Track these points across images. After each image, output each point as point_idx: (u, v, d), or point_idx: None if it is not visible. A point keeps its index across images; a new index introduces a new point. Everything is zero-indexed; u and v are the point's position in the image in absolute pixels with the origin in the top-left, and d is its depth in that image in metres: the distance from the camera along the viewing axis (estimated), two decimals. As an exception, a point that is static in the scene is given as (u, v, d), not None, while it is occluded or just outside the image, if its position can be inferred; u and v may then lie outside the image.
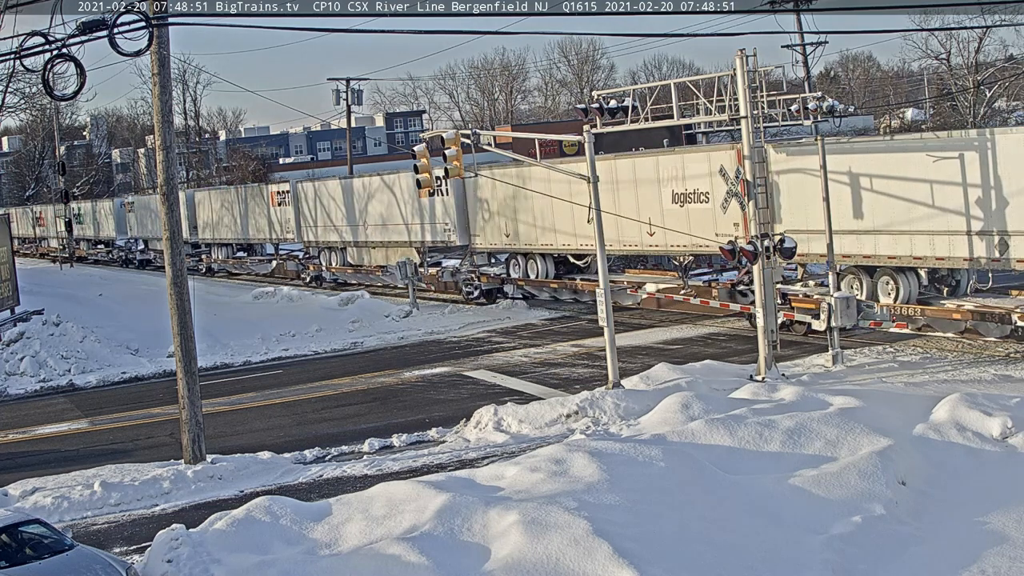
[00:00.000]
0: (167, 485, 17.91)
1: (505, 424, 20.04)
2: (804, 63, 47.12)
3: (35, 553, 12.71)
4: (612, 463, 14.54)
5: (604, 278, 21.86)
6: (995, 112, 59.05)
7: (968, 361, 22.77)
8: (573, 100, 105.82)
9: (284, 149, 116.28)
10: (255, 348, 31.88)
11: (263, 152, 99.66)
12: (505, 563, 12.10)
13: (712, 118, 23.42)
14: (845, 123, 34.63)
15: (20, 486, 18.12)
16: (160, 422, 23.41)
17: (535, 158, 32.54)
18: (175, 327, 18.87)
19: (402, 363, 28.21)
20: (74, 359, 30.46)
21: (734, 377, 21.71)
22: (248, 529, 13.92)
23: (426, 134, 25.95)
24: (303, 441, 20.77)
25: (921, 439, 15.90)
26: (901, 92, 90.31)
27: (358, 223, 42.28)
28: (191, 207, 55.55)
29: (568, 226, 31.15)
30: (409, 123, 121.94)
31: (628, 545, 12.07)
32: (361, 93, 61.36)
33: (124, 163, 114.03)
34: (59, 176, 70.76)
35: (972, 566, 12.27)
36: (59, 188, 67.95)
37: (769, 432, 15.85)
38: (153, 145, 23.41)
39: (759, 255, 21.66)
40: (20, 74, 34.33)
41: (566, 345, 28.59)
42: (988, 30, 55.78)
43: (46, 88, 14.98)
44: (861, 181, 23.94)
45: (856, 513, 13.38)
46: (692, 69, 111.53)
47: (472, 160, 23.85)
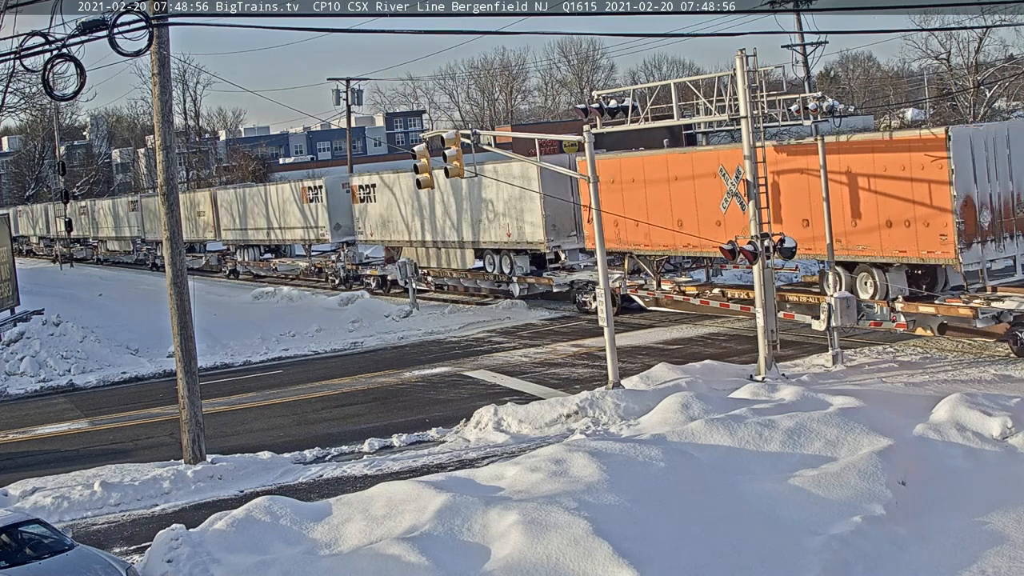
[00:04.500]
0: (167, 485, 17.92)
1: (505, 424, 20.04)
2: (804, 63, 47.10)
3: (35, 553, 12.71)
4: (612, 463, 14.55)
5: (604, 278, 21.86)
6: (995, 112, 59.04)
7: (968, 361, 22.76)
8: (573, 100, 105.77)
9: (284, 149, 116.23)
10: (255, 348, 31.88)
11: (263, 152, 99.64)
12: (505, 563, 12.10)
13: (712, 118, 23.40)
14: (845, 123, 34.56)
15: (20, 486, 18.12)
16: (160, 422, 23.42)
17: (535, 157, 32.39)
18: (175, 327, 18.87)
19: (402, 363, 28.21)
20: (74, 359, 30.47)
21: (734, 377, 21.70)
22: (248, 529, 13.93)
23: (426, 134, 25.95)
24: (303, 441, 20.77)
25: (921, 439, 15.90)
26: (901, 92, 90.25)
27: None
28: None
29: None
30: (409, 123, 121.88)
31: (628, 545, 12.07)
32: (361, 93, 61.26)
33: (124, 163, 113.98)
34: (59, 176, 70.69)
35: (972, 566, 12.28)
36: (59, 188, 67.86)
37: (769, 432, 15.85)
38: (153, 145, 23.41)
39: (759, 255, 21.67)
40: (20, 74, 34.37)
41: (566, 345, 28.59)
42: (988, 30, 55.81)
43: (46, 88, 14.99)
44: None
45: (856, 513, 13.38)
46: (692, 69, 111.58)
47: (472, 160, 23.82)
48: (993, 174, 22.37)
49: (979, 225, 22.09)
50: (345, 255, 44.06)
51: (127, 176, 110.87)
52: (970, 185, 21.98)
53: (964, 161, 21.88)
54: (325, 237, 44.29)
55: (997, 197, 22.36)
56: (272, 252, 51.67)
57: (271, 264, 50.35)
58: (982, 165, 22.19)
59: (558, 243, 32.85)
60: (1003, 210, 22.44)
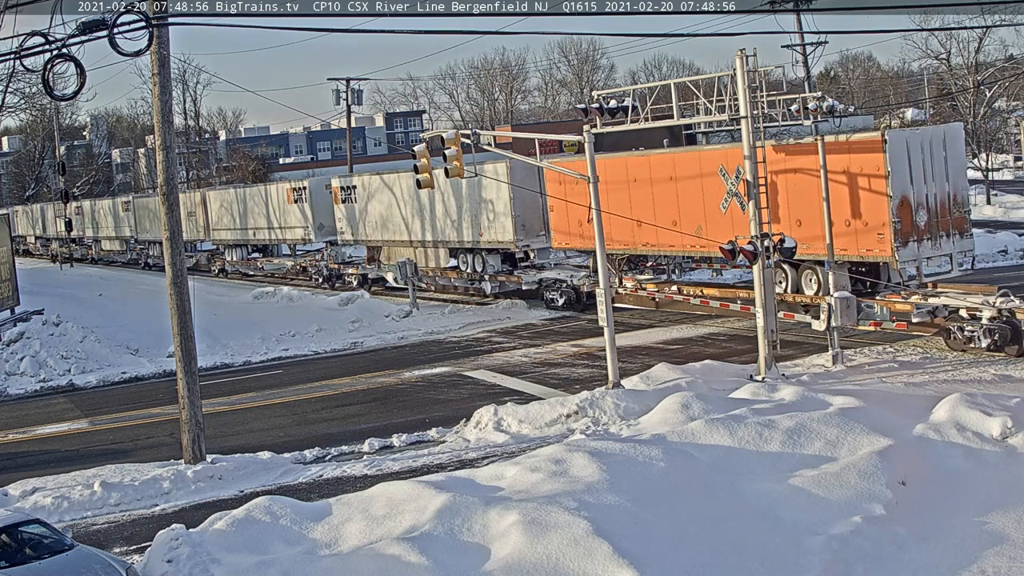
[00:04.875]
0: (167, 485, 17.92)
1: (505, 424, 20.04)
2: (804, 63, 47.14)
3: (35, 553, 12.72)
4: (612, 463, 14.54)
5: (604, 278, 21.86)
6: (995, 112, 59.07)
7: (968, 361, 22.76)
8: (573, 100, 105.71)
9: (284, 149, 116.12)
10: (255, 348, 31.89)
11: (263, 152, 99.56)
12: (505, 563, 12.10)
13: (712, 118, 23.42)
14: (845, 123, 34.60)
15: (20, 486, 18.13)
16: (160, 422, 23.42)
17: (535, 157, 32.41)
18: (175, 327, 18.87)
19: (402, 363, 28.21)
20: (74, 359, 30.48)
21: (734, 377, 21.71)
22: (248, 529, 13.93)
23: (426, 134, 25.95)
24: (303, 441, 20.77)
25: (921, 439, 15.90)
26: (901, 92, 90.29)
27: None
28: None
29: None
30: (409, 123, 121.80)
31: (628, 545, 12.07)
32: (361, 93, 61.36)
33: (124, 163, 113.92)
34: (59, 176, 70.66)
35: (972, 566, 12.28)
36: (59, 188, 67.85)
37: (769, 432, 15.85)
38: (153, 145, 23.41)
39: (759, 255, 21.66)
40: (20, 74, 34.34)
41: (566, 345, 28.59)
42: (988, 30, 55.90)
43: (46, 88, 15.00)
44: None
45: (856, 513, 13.38)
46: (692, 69, 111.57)
47: (472, 159, 23.82)
48: (930, 175, 23.29)
49: (915, 224, 23.09)
50: (328, 254, 45.08)
51: (127, 176, 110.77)
52: (906, 186, 22.93)
53: (900, 163, 22.82)
54: (309, 237, 45.62)
55: (934, 197, 23.35)
56: (260, 251, 52.66)
57: (258, 263, 51.30)
58: (918, 167, 23.14)
59: (527, 242, 34.05)
60: (939, 210, 23.46)
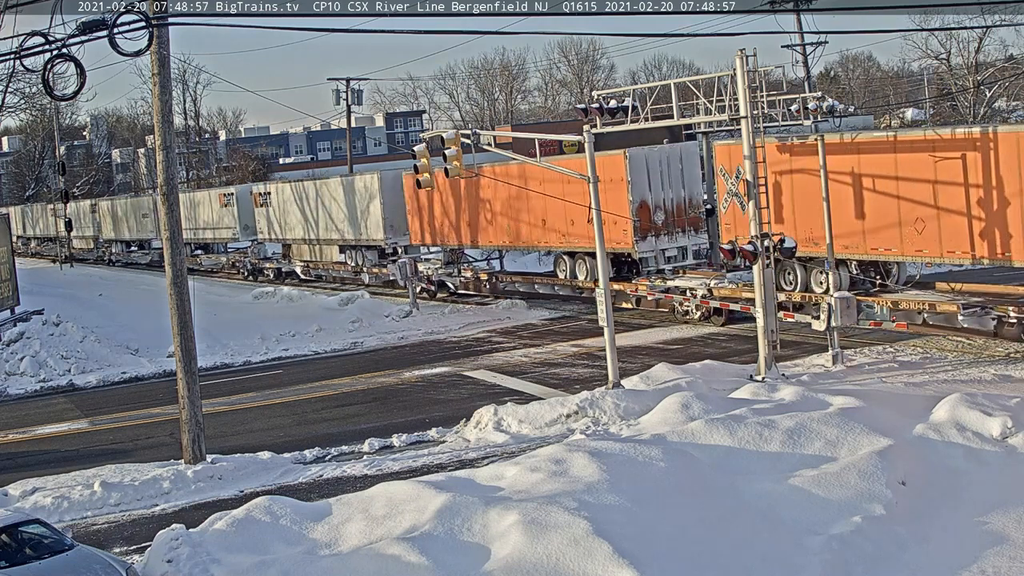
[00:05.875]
0: (167, 485, 17.92)
1: (505, 424, 20.04)
2: (804, 63, 47.12)
3: (35, 553, 12.71)
4: (612, 463, 14.54)
5: (604, 277, 21.86)
6: (995, 112, 59.03)
7: (968, 361, 22.77)
8: (573, 100, 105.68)
9: (284, 149, 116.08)
10: (255, 348, 31.88)
11: (263, 152, 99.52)
12: (505, 563, 12.10)
13: (712, 118, 23.45)
14: (845, 123, 34.71)
15: (20, 486, 18.13)
16: (160, 422, 23.42)
17: (535, 157, 32.50)
18: (175, 327, 18.87)
19: (402, 363, 28.22)
20: (74, 359, 30.47)
21: (734, 377, 21.70)
22: (248, 529, 13.93)
23: (426, 134, 25.97)
24: (303, 441, 20.77)
25: (921, 439, 15.90)
26: (901, 92, 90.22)
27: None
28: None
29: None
30: (409, 123, 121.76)
31: (628, 545, 12.07)
32: (361, 93, 61.35)
33: (124, 163, 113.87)
34: (59, 176, 70.63)
35: (972, 566, 12.29)
36: (59, 188, 67.81)
37: (769, 432, 15.85)
38: (153, 145, 23.42)
39: (759, 255, 21.66)
40: (20, 74, 34.37)
41: (566, 345, 28.60)
42: (988, 30, 55.85)
43: (46, 88, 14.99)
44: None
45: (856, 513, 13.38)
46: (692, 69, 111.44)
47: (472, 160, 23.85)
48: (667, 183, 29.57)
49: (653, 222, 29.39)
50: (252, 251, 51.56)
51: (127, 176, 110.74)
52: (645, 192, 29.22)
53: (639, 174, 29.10)
54: (236, 236, 51.97)
55: (671, 201, 29.65)
56: (202, 249, 58.50)
57: (198, 260, 56.07)
58: (656, 177, 29.46)
59: (395, 240, 40.08)
60: (676, 211, 29.76)
